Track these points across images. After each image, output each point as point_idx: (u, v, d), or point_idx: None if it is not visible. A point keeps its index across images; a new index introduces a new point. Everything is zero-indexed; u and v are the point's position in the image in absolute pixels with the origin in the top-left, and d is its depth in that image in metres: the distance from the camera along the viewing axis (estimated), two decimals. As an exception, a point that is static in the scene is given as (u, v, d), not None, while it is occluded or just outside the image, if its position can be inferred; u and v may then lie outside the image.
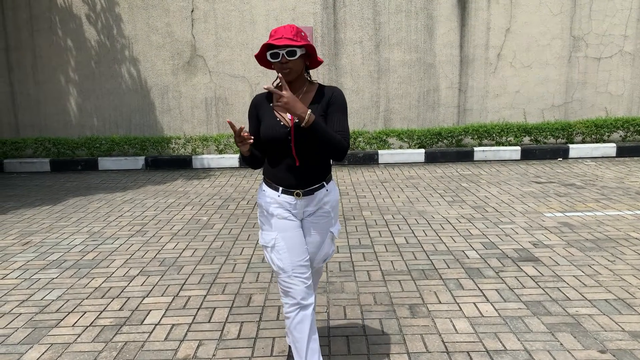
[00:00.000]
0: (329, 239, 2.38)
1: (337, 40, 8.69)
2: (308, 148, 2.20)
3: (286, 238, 2.27)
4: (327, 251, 2.40)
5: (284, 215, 2.28)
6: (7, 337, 2.95)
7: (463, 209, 5.37)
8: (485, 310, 3.11)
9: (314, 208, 2.31)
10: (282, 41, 2.10)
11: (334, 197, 2.37)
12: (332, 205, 2.35)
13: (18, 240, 4.73)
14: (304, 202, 2.28)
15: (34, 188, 7.08)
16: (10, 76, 8.92)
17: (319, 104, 2.23)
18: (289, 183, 2.25)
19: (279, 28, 2.16)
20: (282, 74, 2.14)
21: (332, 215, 2.36)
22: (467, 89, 8.82)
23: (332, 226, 2.38)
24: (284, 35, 2.12)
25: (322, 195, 2.31)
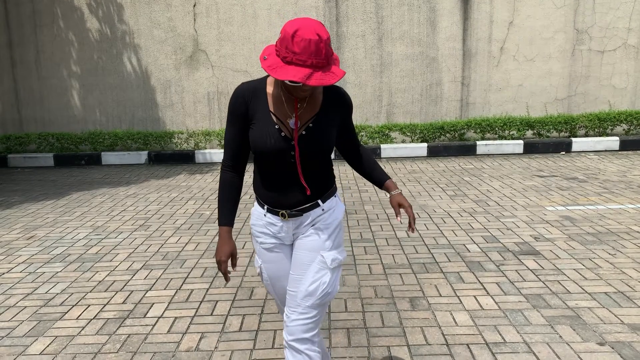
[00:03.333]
0: (317, 265, 1.84)
1: (340, 34, 8.68)
2: (312, 162, 1.83)
3: (269, 270, 1.95)
4: (313, 281, 1.83)
5: (268, 245, 1.93)
6: (13, 329, 2.99)
7: (465, 203, 5.38)
8: (485, 303, 3.13)
9: (305, 227, 1.89)
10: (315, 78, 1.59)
11: (333, 217, 1.90)
12: (327, 224, 1.88)
13: (22, 235, 4.77)
14: (292, 224, 1.88)
15: (38, 183, 7.12)
16: (14, 71, 8.96)
17: (329, 108, 1.84)
18: (278, 200, 1.86)
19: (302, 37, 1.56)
20: (298, 92, 1.71)
21: (324, 234, 1.87)
22: (469, 82, 8.81)
23: (324, 249, 1.86)
24: (314, 61, 1.58)
25: (314, 215, 1.87)
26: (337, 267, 1.90)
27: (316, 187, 1.86)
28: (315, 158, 1.83)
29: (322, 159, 1.86)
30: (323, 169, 1.89)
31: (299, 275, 1.85)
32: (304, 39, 1.56)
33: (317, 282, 1.83)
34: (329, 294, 1.85)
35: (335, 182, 1.93)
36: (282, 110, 1.80)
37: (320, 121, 1.82)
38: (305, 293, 1.83)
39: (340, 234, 1.93)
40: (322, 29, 1.60)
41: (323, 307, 1.88)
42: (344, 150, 2.01)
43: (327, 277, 1.84)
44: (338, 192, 2.03)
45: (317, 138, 1.81)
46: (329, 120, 1.84)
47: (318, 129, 1.81)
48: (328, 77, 1.61)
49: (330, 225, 1.89)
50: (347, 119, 1.91)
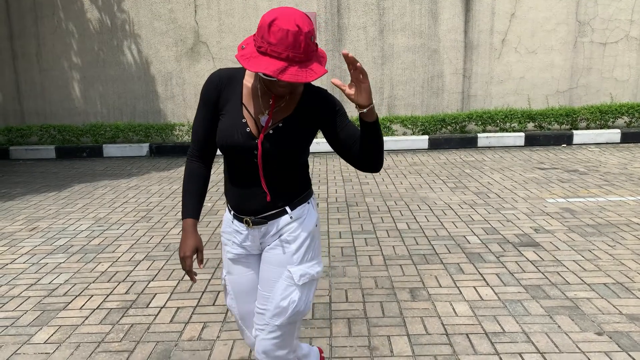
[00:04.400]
0: (284, 281, 1.68)
1: (341, 25, 8.66)
2: (278, 165, 1.66)
3: (233, 283, 1.81)
4: (281, 298, 1.68)
5: (233, 255, 1.78)
6: (17, 319, 3.02)
7: (465, 195, 5.40)
8: (485, 294, 3.15)
9: (271, 237, 1.73)
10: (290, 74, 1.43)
11: (302, 227, 1.71)
12: (295, 235, 1.70)
13: (25, 226, 4.80)
14: (257, 232, 1.72)
15: (40, 175, 7.15)
16: (15, 64, 8.95)
17: (307, 109, 1.66)
18: (242, 206, 1.71)
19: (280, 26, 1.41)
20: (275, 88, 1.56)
21: (291, 247, 1.69)
22: (471, 75, 8.79)
23: (291, 263, 1.69)
24: (290, 53, 1.43)
25: (283, 224, 1.71)
26: (309, 283, 1.71)
27: (284, 192, 1.69)
28: (281, 161, 1.65)
29: (290, 162, 1.67)
30: (293, 172, 1.70)
31: (266, 292, 1.71)
32: (282, 29, 1.40)
33: (286, 300, 1.67)
34: (299, 312, 1.70)
35: (311, 188, 1.79)
36: (256, 105, 1.65)
37: (292, 122, 1.64)
38: (274, 312, 1.68)
39: (312, 245, 1.73)
40: (305, 21, 1.45)
41: (294, 325, 1.73)
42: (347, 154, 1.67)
43: (296, 294, 1.68)
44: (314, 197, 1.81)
45: (285, 140, 1.63)
46: (303, 121, 1.65)
47: (288, 130, 1.64)
48: (304, 74, 1.44)
49: (299, 236, 1.70)
50: (334, 120, 1.65)
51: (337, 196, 5.54)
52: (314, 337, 2.73)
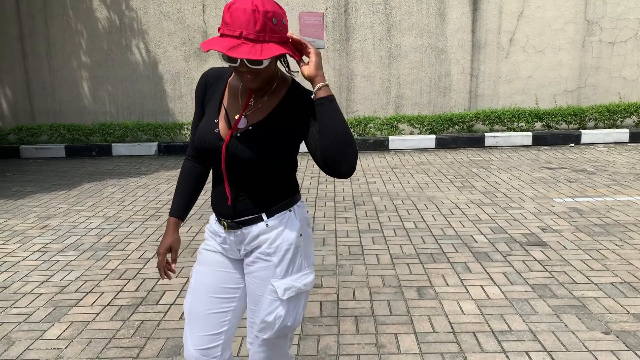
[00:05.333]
0: (269, 296, 1.59)
1: (348, 25, 8.67)
2: (248, 170, 1.56)
3: (198, 273, 1.68)
4: (267, 314, 1.60)
5: (210, 247, 1.70)
6: (30, 315, 3.07)
7: (473, 195, 5.41)
8: (492, 293, 3.17)
9: (249, 247, 1.62)
10: (241, 50, 1.36)
11: (282, 238, 1.59)
12: (275, 246, 1.58)
13: (37, 224, 4.87)
14: (234, 237, 1.63)
15: (50, 173, 7.22)
16: (25, 64, 9.05)
17: (287, 111, 1.55)
18: (219, 208, 1.63)
19: (238, 12, 1.37)
20: (245, 81, 1.46)
21: (272, 259, 1.58)
22: (478, 74, 8.78)
23: (274, 276, 1.58)
24: (243, 32, 1.37)
25: (258, 232, 1.59)
26: (297, 296, 1.61)
27: (259, 198, 1.58)
28: (250, 166, 1.54)
29: (263, 167, 1.55)
30: (270, 177, 1.58)
31: (253, 306, 1.63)
32: (238, 8, 1.36)
33: (272, 315, 1.59)
34: (287, 327, 1.62)
35: (298, 194, 1.66)
36: (235, 105, 1.58)
37: (264, 125, 1.53)
38: (261, 326, 1.62)
39: (297, 256, 1.60)
40: (266, 1, 1.38)
41: (285, 338, 1.67)
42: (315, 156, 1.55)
43: (281, 309, 1.59)
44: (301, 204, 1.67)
45: (252, 144, 1.52)
46: (280, 125, 1.53)
47: (257, 134, 1.53)
48: (257, 52, 1.36)
49: (279, 248, 1.58)
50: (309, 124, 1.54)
51: (344, 195, 5.57)
52: (321, 334, 2.76)
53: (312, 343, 2.67)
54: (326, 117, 1.44)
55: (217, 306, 1.65)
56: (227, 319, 1.65)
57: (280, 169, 1.59)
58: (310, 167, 7.09)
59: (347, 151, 1.44)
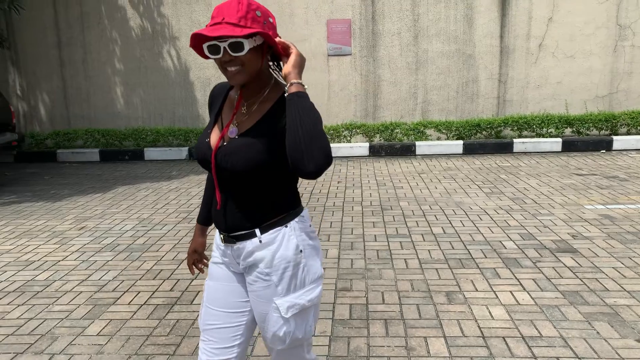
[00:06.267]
0: (273, 313, 1.57)
1: (375, 31, 8.73)
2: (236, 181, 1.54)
3: (209, 288, 1.69)
4: (275, 330, 1.58)
5: (215, 260, 1.70)
6: (71, 312, 3.21)
7: (501, 201, 5.38)
8: (521, 299, 3.17)
9: (247, 264, 1.60)
10: (221, 29, 1.39)
11: (278, 257, 1.55)
12: (274, 265, 1.55)
13: (74, 225, 5.05)
14: (231, 251, 1.62)
15: (85, 177, 7.46)
16: (63, 71, 9.37)
17: (276, 117, 1.51)
18: (216, 220, 1.63)
19: (224, 4, 1.43)
20: (229, 75, 1.47)
21: (272, 278, 1.55)
22: (507, 79, 8.72)
23: (276, 294, 1.56)
24: (225, 17, 1.41)
25: (252, 248, 1.56)
26: (300, 313, 1.57)
27: (251, 212, 1.55)
28: (237, 177, 1.52)
29: (252, 178, 1.52)
30: (264, 189, 1.54)
31: (261, 324, 1.62)
32: (224, 3, 1.44)
33: (281, 331, 1.58)
34: (298, 339, 1.60)
35: (296, 209, 1.60)
36: (229, 115, 1.60)
37: (253, 132, 1.51)
38: (272, 340, 1.61)
39: (297, 273, 1.56)
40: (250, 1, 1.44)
41: (301, 346, 1.65)
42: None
43: (289, 325, 1.57)
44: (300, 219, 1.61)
45: (237, 154, 1.49)
46: (269, 131, 1.49)
47: (245, 142, 1.50)
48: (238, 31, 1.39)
49: (277, 267, 1.54)
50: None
51: (371, 200, 5.61)
52: (351, 336, 2.81)
53: (342, 344, 2.73)
54: (293, 112, 1.40)
55: (229, 320, 1.65)
56: (240, 333, 1.66)
57: (273, 179, 1.54)
58: (337, 171, 7.15)
59: (313, 148, 1.37)
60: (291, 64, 1.46)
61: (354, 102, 8.94)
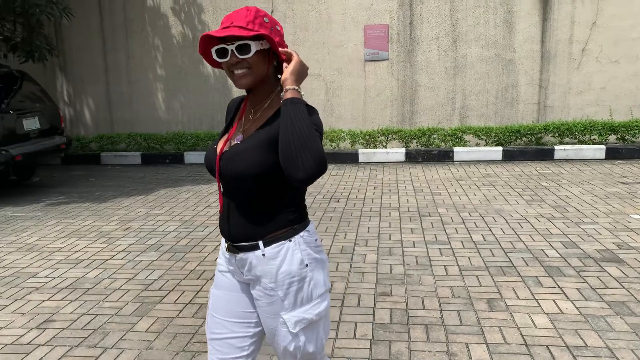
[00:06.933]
0: (281, 328, 1.56)
1: (413, 37, 8.72)
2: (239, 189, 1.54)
3: (214, 297, 1.67)
4: (285, 345, 1.57)
5: (221, 268, 1.68)
6: (120, 309, 3.33)
7: (542, 208, 5.30)
8: (565, 308, 3.12)
9: (251, 276, 1.59)
10: (230, 31, 1.43)
11: (282, 273, 1.53)
12: (278, 281, 1.53)
13: (120, 226, 5.23)
14: (235, 261, 1.61)
15: (128, 179, 7.70)
16: (107, 76, 9.71)
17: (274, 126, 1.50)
18: (221, 227, 1.63)
19: (233, 12, 1.48)
20: (236, 79, 1.50)
21: (277, 293, 1.54)
22: (548, 85, 8.56)
23: (283, 309, 1.54)
24: (234, 22, 1.45)
25: (255, 261, 1.55)
26: (310, 326, 1.57)
27: (255, 223, 1.54)
28: (239, 184, 1.52)
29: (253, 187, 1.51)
30: (267, 200, 1.53)
31: (271, 338, 1.61)
32: (231, 13, 1.50)
33: (290, 346, 1.57)
34: (309, 353, 1.59)
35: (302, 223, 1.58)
36: (239, 123, 1.62)
37: (254, 138, 1.52)
38: (283, 355, 1.61)
39: (303, 287, 1.54)
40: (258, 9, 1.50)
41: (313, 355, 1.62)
42: None
43: (298, 340, 1.56)
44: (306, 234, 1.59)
45: (239, 156, 1.50)
46: (269, 137, 1.48)
47: (245, 147, 1.51)
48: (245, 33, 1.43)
49: (282, 282, 1.53)
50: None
51: (408, 206, 5.60)
52: (392, 340, 2.83)
53: (383, 348, 2.75)
54: (285, 118, 1.40)
55: (236, 331, 1.63)
56: (246, 343, 1.63)
57: (276, 189, 1.53)
58: (373, 177, 7.17)
59: (304, 155, 1.36)
60: (289, 71, 1.47)
61: (390, 108, 8.94)
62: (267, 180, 1.50)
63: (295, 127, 1.38)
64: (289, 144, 1.37)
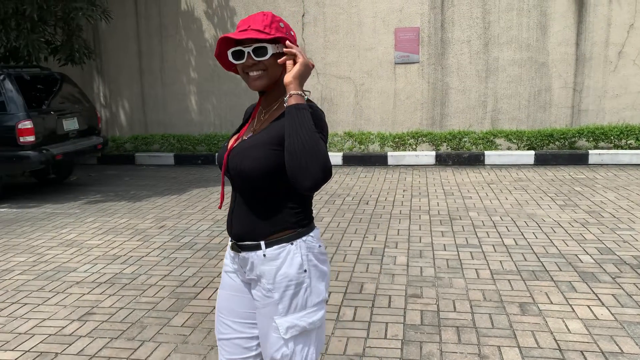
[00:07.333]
0: (273, 332, 1.54)
1: (444, 39, 8.68)
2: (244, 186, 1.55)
3: (220, 297, 1.69)
4: (273, 352, 1.55)
5: (227, 268, 1.70)
6: (157, 304, 3.44)
7: (576, 214, 5.21)
8: (600, 314, 3.08)
9: (252, 276, 1.59)
10: (248, 34, 1.47)
11: (281, 274, 1.53)
12: (276, 282, 1.53)
13: (154, 224, 5.37)
14: (238, 259, 1.62)
15: (161, 179, 7.88)
16: (142, 79, 9.96)
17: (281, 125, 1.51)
18: (227, 225, 1.64)
19: (249, 16, 1.52)
20: (250, 80, 1.53)
21: (274, 295, 1.53)
22: (582, 88, 8.40)
23: (277, 313, 1.53)
24: (251, 25, 1.49)
25: (256, 261, 1.55)
26: (303, 335, 1.54)
27: (259, 223, 1.54)
28: (243, 179, 1.53)
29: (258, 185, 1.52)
30: (271, 201, 1.54)
31: (262, 341, 1.59)
32: (247, 17, 1.54)
33: (278, 353, 1.54)
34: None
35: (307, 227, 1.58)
36: (253, 121, 1.65)
37: (260, 136, 1.53)
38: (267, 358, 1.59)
39: (299, 293, 1.53)
40: (274, 14, 1.54)
41: None
42: None
43: (287, 349, 1.53)
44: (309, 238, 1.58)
45: (244, 152, 1.52)
46: (275, 135, 1.49)
47: (251, 144, 1.53)
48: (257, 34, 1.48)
49: (279, 284, 1.52)
50: None
51: (439, 209, 5.59)
52: (423, 341, 2.84)
53: (414, 349, 2.77)
54: (291, 125, 1.40)
55: (241, 331, 1.64)
56: (254, 344, 1.64)
57: (281, 189, 1.53)
58: (402, 180, 7.16)
59: (311, 163, 1.37)
60: (292, 74, 1.45)
61: (420, 110, 8.91)
62: (272, 179, 1.51)
63: (299, 135, 1.38)
64: (295, 153, 1.38)
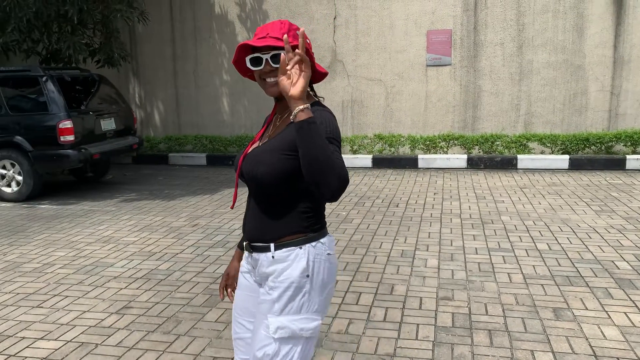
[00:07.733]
0: (262, 330, 1.56)
1: (477, 42, 8.60)
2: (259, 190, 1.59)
3: (236, 297, 1.75)
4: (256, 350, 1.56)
5: (243, 269, 1.74)
6: (191, 300, 3.52)
7: (613, 220, 5.09)
8: (637, 321, 3.02)
9: (262, 275, 1.63)
10: (266, 41, 1.52)
11: (286, 274, 1.55)
12: (279, 281, 1.55)
13: (188, 222, 5.49)
14: (251, 259, 1.66)
15: (194, 179, 8.04)
16: (176, 81, 10.18)
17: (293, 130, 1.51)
18: (243, 226, 1.70)
19: (267, 24, 1.56)
20: (267, 87, 1.57)
21: (273, 294, 1.55)
22: (620, 92, 8.20)
23: (271, 312, 1.54)
24: (269, 33, 1.53)
25: (265, 262, 1.59)
26: (291, 339, 1.53)
27: (271, 225, 1.58)
28: (258, 182, 1.56)
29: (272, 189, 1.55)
30: (283, 204, 1.57)
31: (252, 336, 1.63)
32: (265, 25, 1.57)
33: (260, 351, 1.54)
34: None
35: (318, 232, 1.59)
36: (269, 127, 1.70)
37: (274, 142, 1.55)
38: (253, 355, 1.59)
39: (297, 297, 1.54)
40: (291, 23, 1.56)
41: None
42: None
43: (271, 348, 1.53)
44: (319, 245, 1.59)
45: (258, 157, 1.56)
46: (287, 141, 1.52)
47: (265, 149, 1.57)
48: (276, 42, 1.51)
49: (281, 283, 1.54)
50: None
51: (470, 213, 5.54)
52: (455, 343, 2.84)
53: (446, 350, 2.77)
54: (304, 141, 1.38)
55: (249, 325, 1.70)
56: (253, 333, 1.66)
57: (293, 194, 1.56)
58: (433, 183, 7.12)
59: (329, 177, 1.38)
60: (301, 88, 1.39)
61: (452, 113, 8.85)
62: (285, 183, 1.54)
63: (314, 151, 1.37)
64: (312, 169, 1.38)
